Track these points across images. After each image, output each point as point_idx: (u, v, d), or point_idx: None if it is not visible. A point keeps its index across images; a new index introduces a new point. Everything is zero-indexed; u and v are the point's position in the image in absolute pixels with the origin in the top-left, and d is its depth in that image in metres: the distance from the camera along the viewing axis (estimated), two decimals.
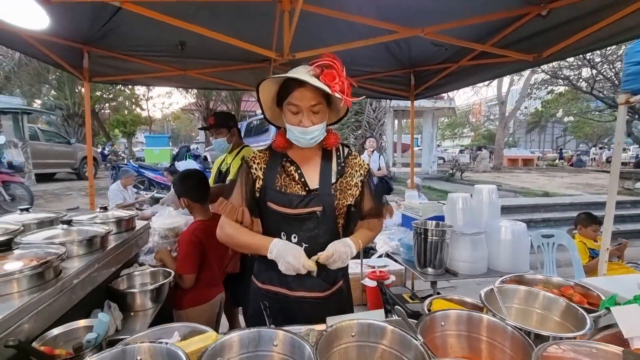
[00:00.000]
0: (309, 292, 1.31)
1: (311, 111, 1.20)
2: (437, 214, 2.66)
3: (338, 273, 1.37)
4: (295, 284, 1.30)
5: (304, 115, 1.19)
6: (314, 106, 1.20)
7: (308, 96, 1.18)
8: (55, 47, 2.82)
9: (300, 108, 1.19)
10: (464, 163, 16.42)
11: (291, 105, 1.20)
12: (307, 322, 1.25)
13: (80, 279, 1.19)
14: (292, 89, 1.18)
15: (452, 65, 3.27)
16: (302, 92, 1.18)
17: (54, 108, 16.40)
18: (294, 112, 1.21)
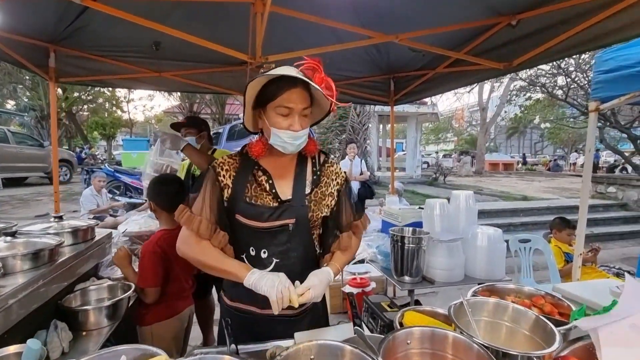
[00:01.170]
0: (282, 310, 1.23)
1: (302, 114, 1.11)
2: (417, 219, 2.64)
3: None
4: (265, 302, 1.16)
5: (295, 119, 1.10)
6: (305, 109, 1.11)
7: (300, 98, 1.09)
8: (18, 45, 2.67)
9: (292, 111, 1.09)
10: (447, 167, 16.70)
11: (281, 107, 1.09)
12: (277, 339, 1.17)
13: (19, 298, 1.08)
14: (281, 89, 1.07)
15: (429, 71, 3.30)
16: (295, 94, 1.08)
17: (28, 109, 15.77)
18: (284, 115, 1.10)
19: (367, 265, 3.61)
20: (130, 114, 25.21)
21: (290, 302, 1.04)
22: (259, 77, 1.07)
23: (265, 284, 1.05)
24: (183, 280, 1.91)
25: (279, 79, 1.07)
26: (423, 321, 1.19)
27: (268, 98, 1.10)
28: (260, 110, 1.15)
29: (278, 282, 1.05)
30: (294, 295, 1.05)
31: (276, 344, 1.15)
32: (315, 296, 1.10)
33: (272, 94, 1.09)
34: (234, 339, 1.06)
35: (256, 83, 1.09)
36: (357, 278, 3.43)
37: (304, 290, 1.08)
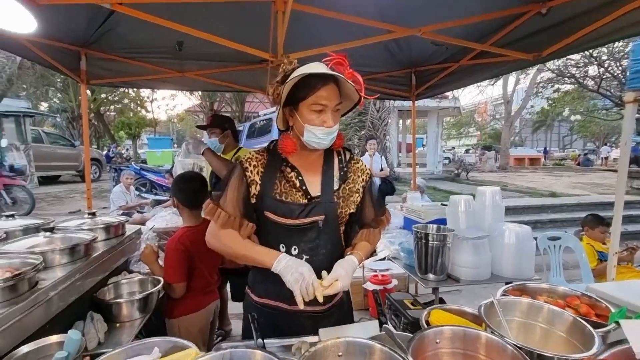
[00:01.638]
0: (309, 307, 1.20)
1: (335, 109, 1.13)
2: (440, 216, 2.58)
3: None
4: (293, 298, 1.17)
5: (329, 115, 1.11)
6: (337, 105, 1.13)
7: (333, 94, 1.10)
8: (52, 50, 2.81)
9: (326, 107, 1.10)
10: (470, 163, 16.23)
11: (316, 104, 1.10)
12: (303, 334, 1.18)
13: (59, 290, 1.14)
14: (315, 87, 1.08)
15: (452, 64, 3.21)
16: (328, 91, 1.09)
17: (59, 111, 16.56)
18: (318, 111, 1.11)
19: (388, 263, 3.57)
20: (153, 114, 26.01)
21: (317, 288, 1.05)
22: (295, 76, 1.07)
23: (290, 279, 1.06)
24: (207, 275, 1.96)
25: (311, 76, 1.07)
26: (450, 320, 1.17)
27: (301, 96, 1.11)
28: (291, 108, 1.16)
29: (302, 279, 1.05)
30: (318, 291, 1.05)
31: (301, 339, 1.16)
32: (344, 286, 1.10)
33: (305, 91, 1.10)
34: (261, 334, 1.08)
35: (291, 82, 1.09)
36: (378, 275, 3.41)
37: (330, 282, 1.08)
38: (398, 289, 3.48)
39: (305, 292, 1.05)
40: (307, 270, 1.08)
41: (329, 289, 1.07)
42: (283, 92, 1.11)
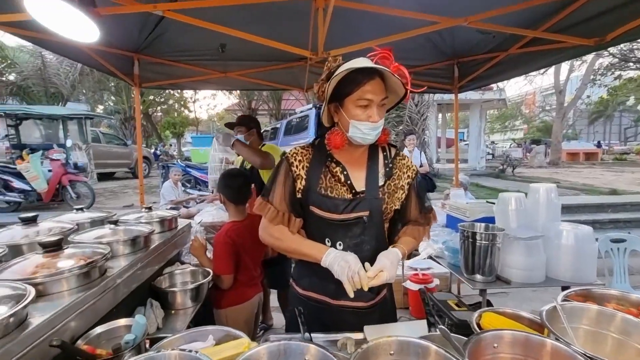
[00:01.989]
0: (352, 302, 1.23)
1: (380, 104, 1.12)
2: (487, 214, 2.45)
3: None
4: (339, 293, 1.21)
5: (374, 110, 1.10)
6: (383, 100, 1.12)
7: (379, 89, 1.09)
8: (109, 56, 3.05)
9: (371, 102, 1.09)
10: (516, 158, 15.22)
11: (361, 99, 1.09)
12: (347, 330, 1.19)
13: (124, 278, 1.24)
14: (361, 82, 1.08)
15: (500, 54, 3.02)
16: (374, 86, 1.08)
17: (113, 112, 17.94)
18: (364, 106, 1.10)
19: (429, 261, 3.47)
20: (195, 113, 27.30)
21: (363, 277, 1.06)
22: (340, 71, 1.07)
23: (337, 269, 1.09)
24: (252, 269, 2.03)
25: (356, 71, 1.07)
26: (505, 324, 1.10)
27: (346, 91, 1.11)
28: (337, 104, 1.16)
29: (348, 267, 1.07)
30: (364, 281, 1.06)
31: (346, 335, 1.17)
32: (390, 277, 1.09)
33: (350, 87, 1.09)
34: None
35: (337, 77, 1.09)
36: (419, 274, 3.32)
37: (375, 273, 1.08)
38: (439, 289, 3.37)
39: (352, 281, 1.06)
40: (353, 259, 1.09)
41: (374, 279, 1.07)
42: (328, 88, 1.11)
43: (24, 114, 9.30)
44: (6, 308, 0.80)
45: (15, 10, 1.93)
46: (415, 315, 3.33)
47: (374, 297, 1.28)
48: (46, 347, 0.82)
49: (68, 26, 1.79)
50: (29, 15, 1.67)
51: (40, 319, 0.85)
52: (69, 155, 8.76)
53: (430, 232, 1.37)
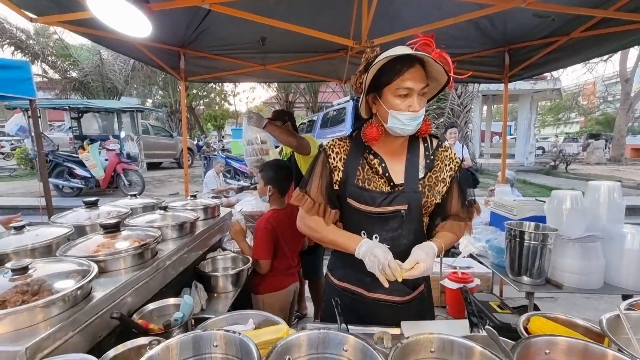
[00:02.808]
0: (388, 296, 1.22)
1: (420, 93, 1.08)
2: (536, 213, 2.28)
3: (420, 277, 1.26)
4: (374, 285, 1.20)
5: (414, 99, 1.06)
6: (424, 88, 1.07)
7: (419, 77, 1.05)
8: (158, 51, 3.21)
9: (412, 91, 1.06)
10: (571, 154, 13.99)
11: (401, 88, 1.06)
12: (382, 323, 1.19)
13: (172, 260, 1.33)
14: (400, 71, 1.04)
15: (560, 38, 2.76)
16: (414, 74, 1.04)
17: (161, 106, 19.04)
18: (403, 96, 1.07)
19: (469, 260, 3.32)
20: (235, 106, 28.19)
21: (394, 269, 1.04)
22: (379, 60, 1.03)
23: (368, 263, 1.08)
24: (290, 257, 2.07)
25: (395, 60, 1.03)
26: (557, 330, 1.03)
27: (385, 81, 1.08)
28: (375, 95, 1.13)
29: (377, 262, 1.06)
30: (397, 272, 1.04)
31: (383, 329, 1.15)
32: (427, 269, 1.06)
33: (389, 76, 1.06)
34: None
35: (375, 67, 1.05)
36: (458, 272, 3.20)
37: (411, 265, 1.06)
38: (480, 289, 3.23)
39: (384, 273, 1.04)
40: (381, 252, 1.07)
41: (411, 270, 1.05)
42: (366, 78, 1.09)
43: (85, 108, 10.18)
44: (74, 282, 0.89)
45: (77, 10, 2.10)
46: (453, 314, 3.23)
47: (411, 292, 1.25)
48: (107, 319, 0.90)
49: (123, 22, 1.92)
50: (91, 13, 1.80)
51: (102, 293, 0.93)
52: (122, 145, 9.47)
53: (472, 228, 1.30)
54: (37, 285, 0.85)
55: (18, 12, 2.14)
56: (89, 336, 0.87)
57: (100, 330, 0.91)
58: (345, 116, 8.07)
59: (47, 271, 0.92)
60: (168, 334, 0.97)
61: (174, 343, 0.74)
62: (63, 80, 14.21)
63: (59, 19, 2.22)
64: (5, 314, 0.74)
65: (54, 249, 1.14)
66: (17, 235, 1.18)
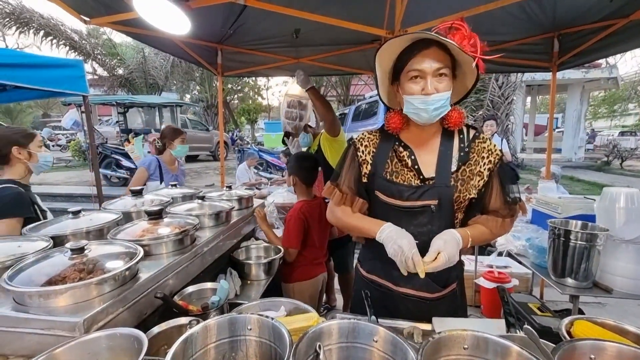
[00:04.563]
0: (416, 291, 1.19)
1: (435, 76, 1.01)
2: (584, 212, 2.13)
3: (451, 274, 1.21)
4: (402, 280, 1.18)
5: (427, 81, 1.01)
6: (439, 69, 1.01)
7: (432, 58, 1.00)
8: (197, 48, 3.34)
9: (423, 73, 1.01)
10: (627, 149, 12.78)
11: (412, 71, 1.03)
12: (410, 319, 1.17)
13: (210, 247, 1.39)
14: (412, 54, 1.02)
15: (618, 21, 2.52)
16: (425, 55, 1.00)
17: (198, 101, 19.83)
18: (415, 78, 1.03)
19: (506, 259, 3.17)
20: (268, 100, 28.69)
21: (417, 263, 0.99)
22: (385, 45, 1.04)
23: (390, 250, 1.05)
24: (318, 248, 2.11)
25: (411, 45, 1.02)
26: (604, 336, 0.96)
27: (400, 67, 1.07)
28: (397, 84, 1.12)
29: (401, 252, 1.02)
30: (419, 266, 0.99)
31: (413, 324, 1.14)
32: (450, 258, 1.01)
33: (404, 61, 1.05)
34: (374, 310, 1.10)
35: (385, 53, 1.06)
36: (494, 272, 3.06)
37: (433, 257, 1.01)
38: (518, 290, 3.07)
39: (405, 266, 1.01)
40: (407, 243, 1.03)
41: (433, 263, 1.00)
42: (377, 66, 1.10)
43: (130, 103, 10.86)
44: (123, 262, 0.97)
45: (124, 11, 2.23)
46: (488, 315, 3.10)
47: (441, 289, 1.20)
48: (152, 298, 0.97)
49: (166, 21, 2.02)
50: (136, 14, 1.91)
51: (148, 274, 1.01)
52: None
53: (511, 226, 1.19)
54: (92, 264, 0.94)
55: (74, 15, 2.32)
56: (136, 313, 0.94)
57: (146, 309, 0.98)
58: (377, 109, 7.94)
59: (100, 252, 1.00)
60: (206, 315, 1.02)
61: (212, 324, 0.78)
62: (111, 77, 15.21)
63: (109, 20, 2.38)
64: (66, 288, 0.82)
65: (105, 233, 1.25)
66: (74, 219, 1.30)
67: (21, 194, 1.59)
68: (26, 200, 1.60)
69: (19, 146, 1.66)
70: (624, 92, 24.40)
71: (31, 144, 1.71)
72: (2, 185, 1.60)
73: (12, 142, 1.66)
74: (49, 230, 1.22)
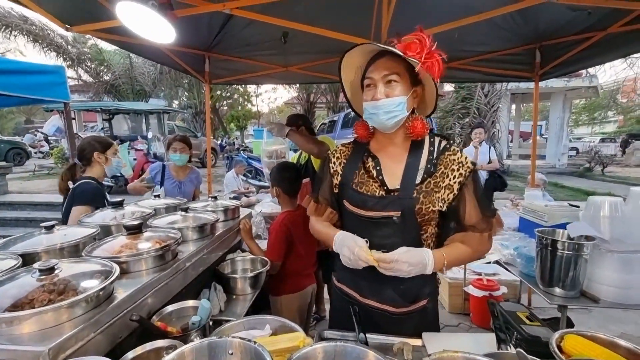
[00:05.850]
0: (381, 304, 1.17)
1: (385, 83, 1.05)
2: (570, 220, 2.15)
3: (423, 290, 1.18)
4: (368, 291, 1.19)
5: (377, 88, 1.06)
6: (387, 76, 1.05)
7: (382, 66, 1.06)
8: (184, 55, 3.30)
9: (373, 80, 1.07)
10: (608, 155, 13.18)
11: (366, 79, 1.10)
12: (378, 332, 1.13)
13: (192, 262, 1.34)
14: (369, 65, 1.10)
15: (596, 33, 2.60)
16: (377, 64, 1.07)
17: (186, 107, 19.63)
18: (368, 87, 1.10)
19: (495, 266, 3.19)
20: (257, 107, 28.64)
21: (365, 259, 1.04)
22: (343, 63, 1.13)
23: (342, 257, 1.11)
24: (305, 259, 2.06)
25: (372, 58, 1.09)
26: (596, 352, 0.95)
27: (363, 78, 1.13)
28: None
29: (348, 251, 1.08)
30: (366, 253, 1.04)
31: (403, 340, 1.11)
32: (397, 264, 1.01)
33: (365, 73, 1.11)
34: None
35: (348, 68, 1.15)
36: (483, 279, 3.08)
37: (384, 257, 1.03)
38: (506, 298, 3.09)
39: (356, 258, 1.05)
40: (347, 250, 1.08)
41: (379, 256, 1.03)
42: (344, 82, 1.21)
43: (116, 109, 10.65)
44: (97, 282, 0.91)
45: (108, 19, 2.18)
46: (477, 323, 3.11)
47: (408, 304, 1.17)
48: (128, 320, 0.92)
49: (150, 30, 1.97)
50: (120, 22, 1.86)
51: (124, 294, 0.95)
52: (150, 145, 9.83)
53: (491, 241, 1.17)
54: (62, 285, 0.88)
55: (55, 22, 2.26)
56: (110, 337, 0.88)
57: (121, 332, 0.92)
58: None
59: (73, 271, 0.95)
60: (186, 337, 0.97)
61: (189, 350, 0.74)
62: (96, 83, 14.95)
63: (91, 28, 2.33)
64: (30, 314, 0.76)
65: (80, 249, 1.18)
66: (47, 234, 1.23)
67: (98, 189, 2.02)
68: (100, 194, 2.01)
69: (98, 152, 2.06)
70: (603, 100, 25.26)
71: (108, 151, 2.11)
72: (85, 180, 2.00)
73: (94, 149, 2.06)
74: (18, 247, 1.15)
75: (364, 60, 1.11)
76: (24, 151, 15.01)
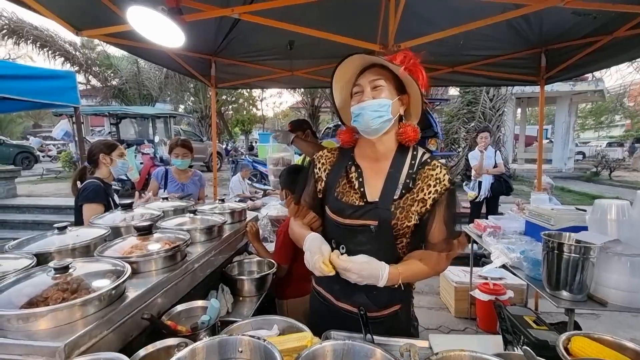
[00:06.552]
0: (352, 308, 1.18)
1: (372, 87, 1.09)
2: (576, 223, 2.14)
3: (394, 296, 1.19)
4: (341, 294, 1.21)
5: (364, 92, 1.10)
6: (374, 81, 1.09)
7: (369, 74, 1.11)
8: (190, 60, 3.35)
9: (361, 86, 1.11)
10: (615, 159, 13.03)
11: (355, 87, 1.14)
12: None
13: (201, 263, 1.36)
14: (358, 77, 1.14)
15: (602, 37, 2.60)
16: (365, 74, 1.12)
17: (192, 112, 19.80)
18: (356, 93, 1.13)
19: (501, 270, 3.17)
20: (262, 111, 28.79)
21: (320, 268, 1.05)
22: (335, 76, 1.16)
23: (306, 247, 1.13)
24: None
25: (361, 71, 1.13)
26: (603, 353, 0.95)
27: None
28: None
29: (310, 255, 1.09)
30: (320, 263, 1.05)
31: (409, 341, 1.12)
32: (347, 272, 1.03)
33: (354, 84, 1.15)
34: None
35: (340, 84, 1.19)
36: (489, 283, 3.06)
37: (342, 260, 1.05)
38: (513, 302, 3.06)
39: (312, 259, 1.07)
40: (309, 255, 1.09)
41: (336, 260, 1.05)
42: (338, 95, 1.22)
43: (123, 114, 10.79)
44: (109, 281, 0.93)
45: (117, 23, 2.23)
46: (484, 328, 3.08)
47: (378, 309, 1.19)
48: (139, 319, 0.93)
49: (159, 34, 2.01)
50: (130, 26, 1.90)
51: (135, 293, 0.97)
52: (156, 149, 9.93)
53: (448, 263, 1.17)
54: (76, 284, 0.90)
55: (65, 27, 2.31)
56: (122, 335, 0.90)
57: (132, 330, 0.94)
58: None
59: (86, 270, 0.97)
60: (195, 336, 0.99)
61: (201, 347, 0.75)
62: (104, 88, 15.14)
63: (101, 32, 2.38)
64: (47, 311, 0.78)
65: (92, 249, 1.21)
66: (60, 235, 1.26)
67: (100, 186, 2.11)
68: (103, 192, 2.11)
69: (104, 153, 2.16)
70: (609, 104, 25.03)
71: (113, 153, 2.20)
72: (89, 180, 2.11)
73: (100, 150, 2.17)
74: (32, 247, 1.18)
75: (352, 74, 1.16)
76: (33, 155, 15.24)
